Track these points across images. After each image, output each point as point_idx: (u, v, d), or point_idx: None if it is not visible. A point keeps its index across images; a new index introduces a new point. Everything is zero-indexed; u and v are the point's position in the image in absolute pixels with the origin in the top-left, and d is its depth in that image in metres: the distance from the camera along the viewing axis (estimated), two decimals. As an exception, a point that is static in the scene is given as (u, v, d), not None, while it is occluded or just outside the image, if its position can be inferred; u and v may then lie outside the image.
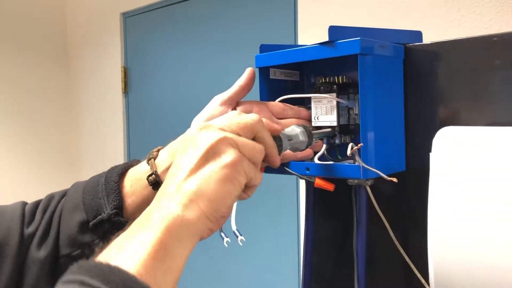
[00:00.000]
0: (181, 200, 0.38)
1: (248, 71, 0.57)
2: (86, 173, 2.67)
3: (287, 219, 1.81)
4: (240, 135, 0.43)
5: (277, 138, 0.50)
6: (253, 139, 0.45)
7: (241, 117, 0.45)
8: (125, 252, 0.34)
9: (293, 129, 0.54)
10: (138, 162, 0.58)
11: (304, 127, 0.55)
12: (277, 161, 0.48)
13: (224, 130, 0.42)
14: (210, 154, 0.40)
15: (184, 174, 0.40)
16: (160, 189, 0.41)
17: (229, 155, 0.40)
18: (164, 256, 0.35)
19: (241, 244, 0.49)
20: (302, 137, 0.54)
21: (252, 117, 0.45)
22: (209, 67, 2.05)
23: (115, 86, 2.48)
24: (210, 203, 0.38)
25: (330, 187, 0.56)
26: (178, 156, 0.42)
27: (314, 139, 0.56)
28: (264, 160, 0.47)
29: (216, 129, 0.43)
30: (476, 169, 0.50)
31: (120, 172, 0.55)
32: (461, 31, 1.29)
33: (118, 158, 2.48)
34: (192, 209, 0.38)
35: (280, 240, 1.84)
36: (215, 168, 0.39)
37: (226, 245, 0.49)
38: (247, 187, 0.44)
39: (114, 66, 2.48)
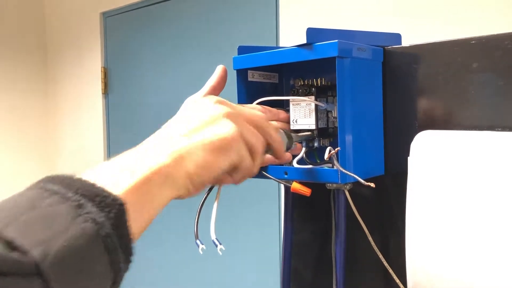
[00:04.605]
0: (173, 152, 0.38)
1: (219, 70, 0.54)
2: (65, 175, 2.62)
3: (268, 223, 1.80)
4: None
5: (282, 135, 0.52)
6: None
7: (247, 110, 0.46)
8: (105, 178, 0.34)
9: None
10: None
11: (286, 132, 0.54)
12: (283, 155, 0.50)
13: (232, 113, 0.44)
14: (212, 121, 0.41)
15: (183, 131, 0.41)
16: (158, 131, 0.42)
17: (229, 129, 0.41)
18: (143, 195, 0.35)
19: (220, 253, 0.48)
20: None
21: (260, 115, 0.47)
22: (190, 68, 2.04)
23: (95, 87, 2.45)
24: (196, 167, 0.39)
25: (306, 192, 0.55)
26: (183, 110, 0.44)
27: (293, 143, 0.55)
28: (272, 155, 0.49)
29: (223, 102, 0.44)
30: (454, 174, 0.49)
31: None
32: (443, 34, 1.30)
33: (98, 159, 2.45)
34: (180, 165, 0.38)
35: (262, 244, 1.84)
36: (212, 135, 0.40)
37: (201, 252, 0.48)
38: (237, 170, 0.44)
39: (94, 67, 2.45)
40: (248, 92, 0.65)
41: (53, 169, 2.73)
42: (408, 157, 0.53)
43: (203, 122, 0.41)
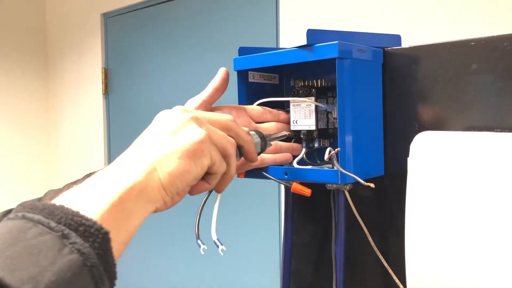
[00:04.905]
0: (145, 167, 0.39)
1: (221, 72, 0.55)
2: (65, 176, 2.63)
3: (269, 224, 1.80)
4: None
5: (254, 136, 0.51)
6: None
7: (214, 114, 0.46)
8: (82, 201, 0.34)
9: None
10: None
11: (258, 133, 0.53)
12: (254, 157, 0.49)
13: (198, 117, 0.44)
14: (179, 129, 0.42)
15: (153, 143, 0.41)
16: (127, 150, 0.42)
17: (196, 134, 0.41)
18: (120, 214, 0.35)
19: (222, 254, 0.48)
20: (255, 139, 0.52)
21: (227, 116, 0.47)
22: (190, 69, 2.04)
23: (95, 88, 2.45)
24: (169, 177, 0.39)
25: (306, 192, 0.55)
26: (150, 126, 0.44)
27: (267, 144, 0.54)
28: (243, 156, 0.49)
29: (189, 111, 0.44)
30: (453, 174, 0.50)
31: None
32: (443, 35, 1.30)
33: (98, 160, 2.45)
34: (153, 178, 0.38)
35: (262, 244, 1.84)
36: (181, 143, 0.41)
37: (203, 252, 0.48)
38: (210, 175, 0.44)
39: (95, 67, 2.45)
40: (248, 93, 0.65)
41: (54, 171, 2.73)
42: (408, 158, 0.53)
43: (171, 131, 0.42)
